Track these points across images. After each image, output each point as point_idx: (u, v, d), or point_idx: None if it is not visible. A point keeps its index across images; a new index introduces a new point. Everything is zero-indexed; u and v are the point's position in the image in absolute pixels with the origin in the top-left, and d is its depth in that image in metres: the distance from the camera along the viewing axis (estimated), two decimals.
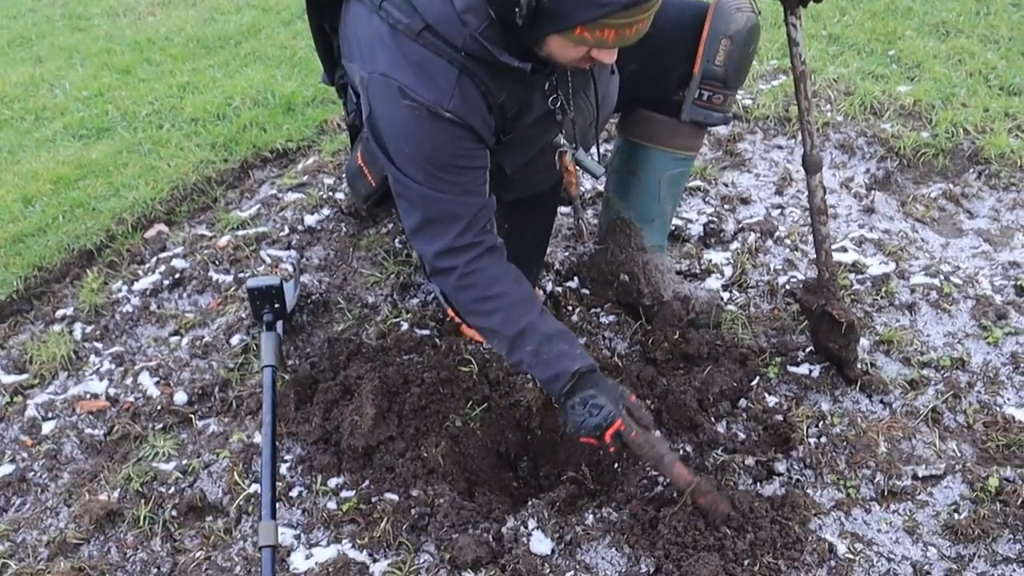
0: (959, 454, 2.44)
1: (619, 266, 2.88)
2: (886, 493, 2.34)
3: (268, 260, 3.27)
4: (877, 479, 2.37)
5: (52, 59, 5.31)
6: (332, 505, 2.42)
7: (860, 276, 3.04)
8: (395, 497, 2.41)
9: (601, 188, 3.50)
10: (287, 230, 3.43)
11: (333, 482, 2.49)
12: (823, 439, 2.47)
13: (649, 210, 2.86)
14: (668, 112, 2.71)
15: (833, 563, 2.17)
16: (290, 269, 3.11)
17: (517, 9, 1.91)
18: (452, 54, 2.07)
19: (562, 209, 3.13)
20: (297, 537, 2.36)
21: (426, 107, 2.10)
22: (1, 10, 6.32)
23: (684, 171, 2.88)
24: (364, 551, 2.29)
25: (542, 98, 2.29)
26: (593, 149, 2.53)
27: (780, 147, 3.84)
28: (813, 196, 2.49)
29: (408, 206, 2.28)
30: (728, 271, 3.12)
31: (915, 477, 2.37)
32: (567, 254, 3.22)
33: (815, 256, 2.57)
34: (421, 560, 2.26)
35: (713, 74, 2.59)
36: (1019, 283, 2.98)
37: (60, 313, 3.22)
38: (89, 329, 3.14)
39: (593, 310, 2.99)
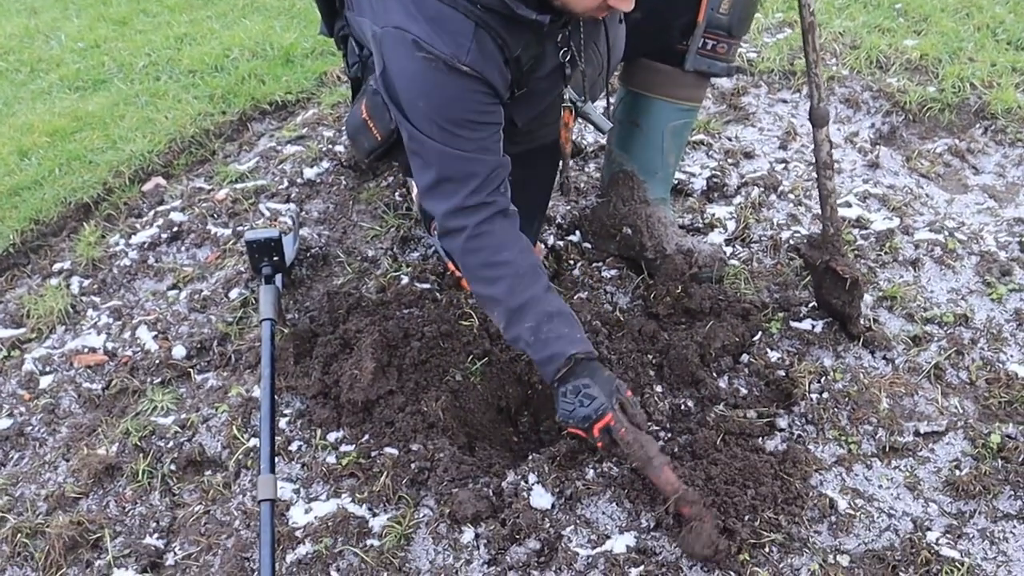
0: (961, 410, 2.43)
1: (622, 219, 2.85)
2: (887, 449, 2.33)
3: (267, 213, 3.24)
4: (879, 435, 2.36)
5: (47, 10, 5.25)
6: (331, 459, 2.41)
7: (864, 231, 3.02)
8: (395, 451, 2.40)
9: (603, 141, 3.46)
10: (286, 183, 3.40)
11: (332, 436, 2.48)
12: (825, 395, 2.46)
13: (652, 162, 2.83)
14: (672, 62, 2.67)
15: (834, 519, 2.16)
16: (289, 222, 3.09)
17: None
18: (468, 7, 2.04)
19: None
20: (296, 491, 2.35)
21: (443, 60, 2.06)
22: None
23: (687, 122, 2.84)
24: (363, 505, 2.29)
25: (554, 50, 2.25)
26: (601, 102, 2.50)
27: (784, 101, 3.79)
28: (819, 150, 2.46)
29: (422, 164, 2.23)
30: (731, 226, 3.09)
31: (917, 433, 2.37)
32: (569, 208, 3.19)
33: (820, 211, 2.54)
34: (421, 514, 2.25)
35: (717, 23, 2.55)
36: (1023, 240, 2.96)
37: (57, 267, 3.20)
38: (87, 283, 3.12)
39: (595, 264, 2.97)
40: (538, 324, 2.20)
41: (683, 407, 2.49)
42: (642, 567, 2.07)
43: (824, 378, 2.51)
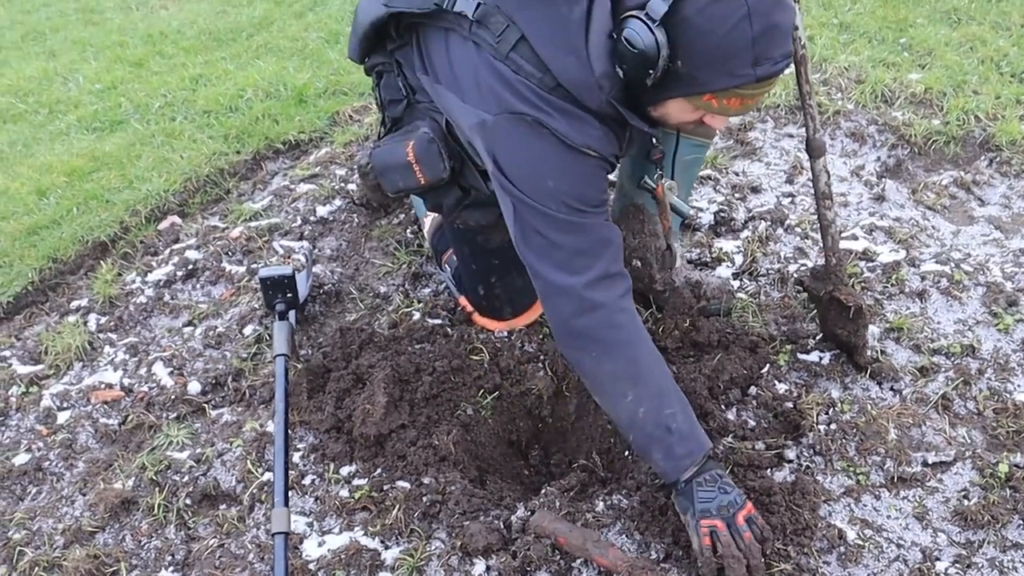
0: (969, 440, 2.44)
1: (631, 252, 2.88)
2: (896, 479, 2.35)
3: (281, 251, 3.29)
4: (887, 466, 2.37)
5: (66, 53, 5.34)
6: (344, 493, 2.44)
7: (870, 264, 3.04)
8: (407, 485, 2.43)
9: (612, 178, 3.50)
10: (299, 221, 3.45)
11: (345, 470, 2.51)
12: (833, 426, 2.48)
13: None
14: None
15: (843, 549, 2.17)
16: (303, 259, 3.13)
17: (652, 72, 1.93)
18: (591, 109, 2.10)
19: None
20: (310, 524, 2.38)
21: (575, 146, 2.11)
22: (15, 5, 6.35)
23: (698, 157, 2.87)
24: (376, 538, 2.31)
25: (645, 134, 2.28)
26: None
27: (791, 135, 3.83)
28: (817, 180, 2.49)
29: (548, 243, 2.19)
30: (739, 259, 3.12)
31: (925, 464, 2.38)
32: None
33: (821, 241, 2.57)
34: (432, 547, 2.27)
35: None
36: None
37: (75, 304, 3.25)
38: (104, 320, 3.16)
39: None
40: (681, 412, 2.20)
41: None
42: None
43: (832, 409, 2.53)
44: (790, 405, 2.56)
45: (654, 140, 2.31)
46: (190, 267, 3.30)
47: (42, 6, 6.28)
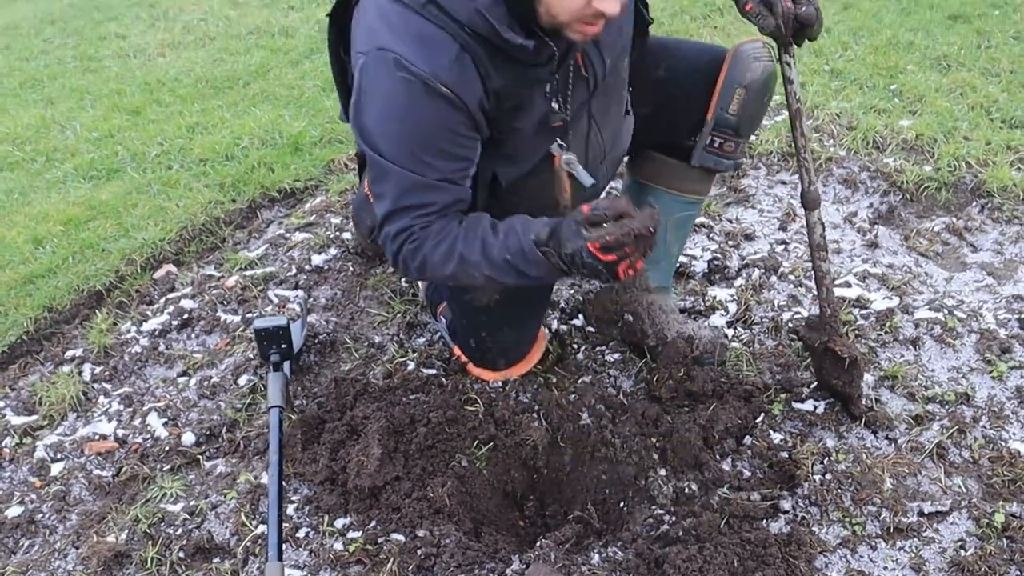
0: (965, 490, 2.44)
1: (623, 306, 2.89)
2: (892, 530, 2.34)
3: (276, 300, 3.30)
4: (883, 516, 2.37)
5: (63, 100, 5.37)
6: (339, 546, 2.43)
7: (864, 311, 3.05)
8: (401, 537, 2.42)
9: None
10: (294, 270, 3.46)
11: (340, 523, 2.50)
12: (828, 476, 2.48)
13: (655, 252, 2.85)
14: (678, 156, 2.70)
15: None
16: (297, 309, 3.14)
17: None
18: (456, 28, 2.04)
19: None
20: None
21: (422, 79, 2.04)
22: (14, 52, 6.39)
23: (691, 214, 2.89)
24: None
25: (543, 100, 2.25)
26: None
27: (783, 183, 3.86)
28: (812, 233, 2.51)
29: (381, 192, 2.20)
30: (732, 308, 3.13)
31: (921, 514, 2.37)
32: (572, 292, 3.23)
33: (816, 291, 2.58)
34: None
35: (726, 122, 2.58)
36: (1023, 317, 2.98)
37: (69, 354, 3.24)
38: (98, 370, 3.16)
39: (598, 348, 3.01)
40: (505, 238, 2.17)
41: (687, 490, 2.50)
42: None
43: (827, 459, 2.53)
44: (785, 455, 2.56)
45: (555, 105, 2.26)
46: (185, 316, 3.30)
47: (40, 53, 6.32)
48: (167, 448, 2.79)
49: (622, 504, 2.54)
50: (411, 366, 2.97)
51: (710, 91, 2.56)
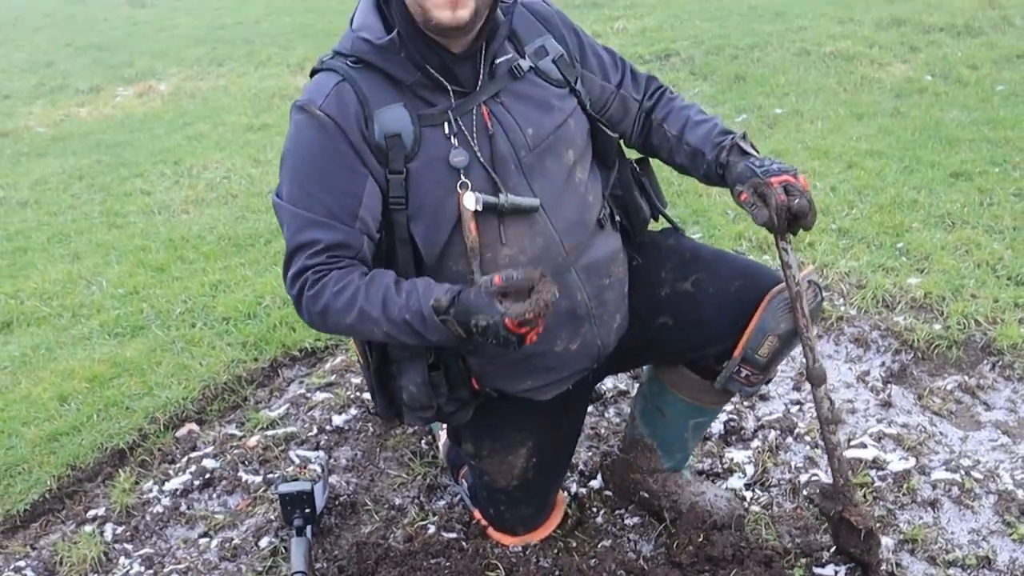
0: None
1: (638, 484, 2.93)
2: None
3: (297, 460, 3.33)
4: None
5: (89, 256, 5.51)
6: None
7: (881, 472, 3.07)
8: None
9: (622, 387, 3.59)
10: (315, 430, 3.51)
11: None
12: None
13: (672, 445, 2.88)
14: (702, 373, 2.67)
15: None
16: (318, 470, 3.17)
17: None
18: (341, 64, 2.20)
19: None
20: None
21: (305, 109, 2.17)
22: (43, 207, 6.58)
23: (711, 418, 2.92)
24: None
25: (442, 139, 2.23)
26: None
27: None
28: (819, 407, 2.54)
29: (285, 238, 2.23)
30: (750, 470, 3.15)
31: None
32: (590, 454, 3.27)
33: (828, 464, 2.60)
34: None
35: (754, 362, 2.54)
36: None
37: (91, 513, 3.27)
38: (120, 530, 3.18)
39: (617, 511, 3.02)
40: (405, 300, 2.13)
41: None
42: None
43: None
44: None
45: (455, 142, 2.23)
46: (207, 476, 3.34)
47: (68, 208, 6.51)
48: None
49: None
50: (432, 529, 2.98)
51: (738, 326, 2.52)
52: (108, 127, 8.54)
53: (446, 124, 2.22)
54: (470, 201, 2.19)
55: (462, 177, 2.21)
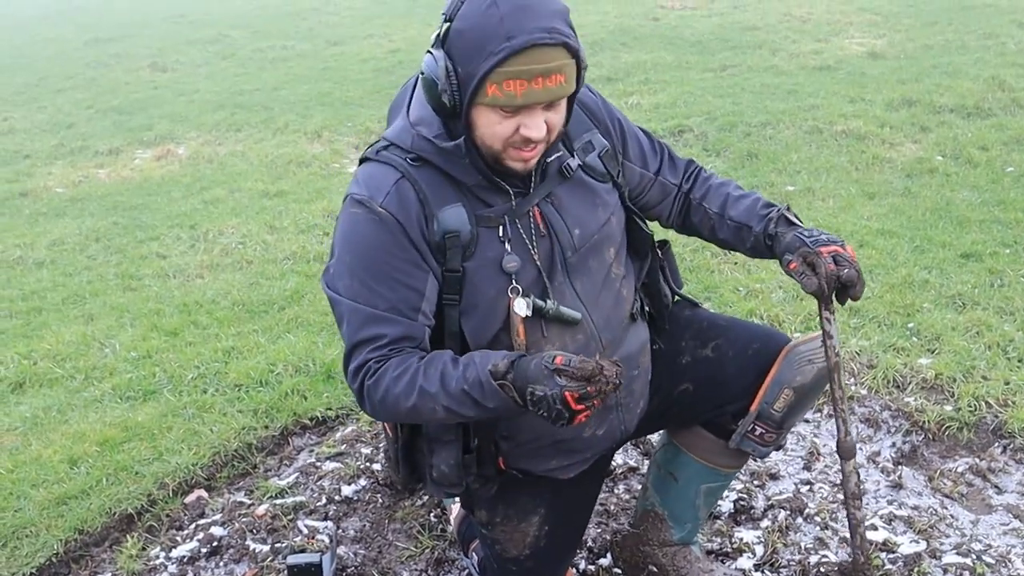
0: None
1: (648, 557, 2.92)
2: None
3: (305, 531, 3.33)
4: None
5: (103, 318, 5.54)
6: None
7: (892, 555, 3.06)
8: None
9: (632, 463, 3.58)
10: (324, 500, 3.51)
11: None
12: None
13: (683, 513, 2.89)
14: (717, 433, 2.70)
15: None
16: (326, 541, 3.17)
17: (437, 83, 2.05)
18: (400, 160, 2.19)
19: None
20: None
21: (365, 204, 2.17)
22: (59, 267, 6.64)
23: (724, 484, 2.92)
24: None
25: (496, 242, 2.26)
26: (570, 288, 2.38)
27: (807, 421, 3.92)
28: (847, 481, 2.54)
29: (342, 334, 2.24)
30: (759, 550, 3.14)
31: None
32: (600, 530, 3.26)
33: (850, 539, 2.59)
34: None
35: (769, 416, 2.58)
36: None
37: None
38: None
39: None
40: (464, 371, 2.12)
41: None
42: None
43: None
44: None
45: (507, 247, 2.26)
46: (214, 544, 3.33)
47: (84, 269, 6.56)
48: None
49: None
50: None
51: (757, 384, 2.57)
52: (126, 189, 8.64)
53: (500, 227, 2.26)
54: (520, 307, 2.24)
55: (513, 282, 2.25)
